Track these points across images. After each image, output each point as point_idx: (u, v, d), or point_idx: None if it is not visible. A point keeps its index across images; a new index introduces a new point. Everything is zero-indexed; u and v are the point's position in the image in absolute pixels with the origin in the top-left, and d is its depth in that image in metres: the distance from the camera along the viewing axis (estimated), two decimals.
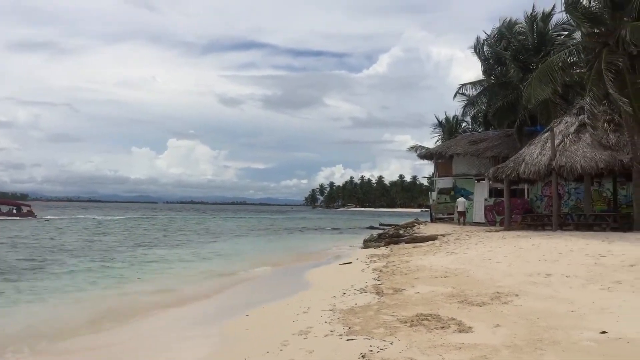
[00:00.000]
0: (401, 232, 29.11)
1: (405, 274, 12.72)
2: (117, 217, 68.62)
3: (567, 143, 22.58)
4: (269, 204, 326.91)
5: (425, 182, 77.88)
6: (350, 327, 7.35)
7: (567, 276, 10.59)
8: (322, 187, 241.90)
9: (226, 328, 8.60)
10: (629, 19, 20.41)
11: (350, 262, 17.25)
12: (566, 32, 31.08)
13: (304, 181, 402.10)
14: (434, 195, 38.82)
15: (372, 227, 47.85)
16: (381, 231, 34.85)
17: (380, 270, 13.73)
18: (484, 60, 35.26)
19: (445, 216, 35.87)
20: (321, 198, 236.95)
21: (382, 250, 21.06)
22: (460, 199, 31.53)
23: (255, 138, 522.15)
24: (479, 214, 31.04)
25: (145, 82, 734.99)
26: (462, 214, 30.90)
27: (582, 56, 23.25)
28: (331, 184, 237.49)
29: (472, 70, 73.67)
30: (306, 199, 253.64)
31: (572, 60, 23.63)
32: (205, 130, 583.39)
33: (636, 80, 21.81)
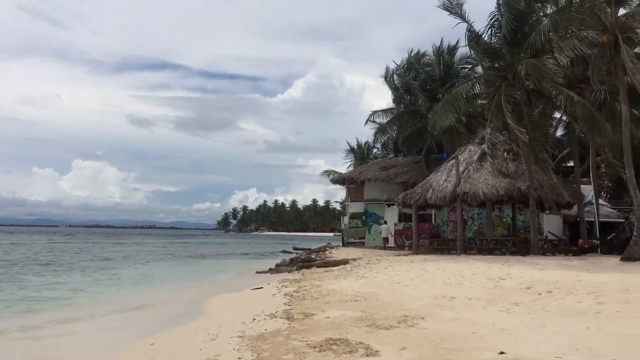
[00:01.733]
0: (313, 256, 29.25)
1: (316, 298, 12.72)
2: (5, 242, 63.01)
3: (470, 171, 23.70)
4: (180, 228, 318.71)
5: (337, 206, 78.97)
6: (259, 354, 7.22)
7: (469, 299, 10.99)
8: (235, 210, 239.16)
9: (129, 357, 8.19)
10: (526, 56, 21.88)
11: (262, 287, 17.03)
12: (470, 66, 32.89)
13: (217, 205, 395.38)
14: (345, 219, 39.39)
15: (284, 252, 47.72)
16: (294, 255, 34.82)
17: (292, 295, 13.64)
18: (394, 89, 36.54)
19: (357, 240, 36.44)
20: (234, 222, 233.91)
21: (294, 274, 21.00)
22: (384, 225, 32.16)
23: (166, 160, 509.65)
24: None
25: (48, 99, 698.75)
26: (386, 239, 31.50)
27: (484, 88, 24.64)
28: (244, 208, 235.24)
29: (383, 98, 76.37)
30: (219, 222, 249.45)
31: (475, 92, 24.98)
32: (114, 151, 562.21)
33: (532, 113, 23.39)
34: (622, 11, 20.58)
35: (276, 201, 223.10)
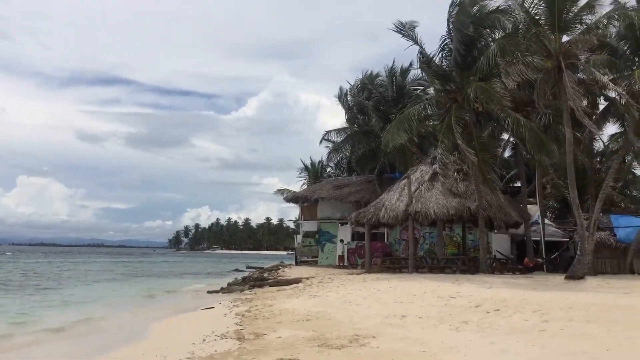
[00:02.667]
0: (266, 275, 29.01)
1: (268, 318, 12.59)
2: None
3: (422, 190, 24.11)
4: (130, 246, 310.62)
5: (291, 225, 78.79)
6: None
7: (420, 317, 11.10)
8: (187, 228, 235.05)
9: None
10: (475, 79, 22.52)
11: (213, 307, 16.75)
12: (422, 87, 33.63)
13: (169, 222, 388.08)
14: (299, 238, 39.30)
15: (237, 270, 47.17)
16: (246, 274, 34.45)
17: (243, 315, 13.47)
18: (347, 109, 36.96)
19: (310, 259, 36.37)
20: (186, 240, 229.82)
21: (246, 294, 20.75)
22: (339, 244, 32.13)
23: (116, 177, 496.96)
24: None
25: None
26: (342, 257, 31.46)
27: (435, 110, 25.19)
28: (197, 226, 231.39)
29: (338, 117, 76.89)
30: (170, 241, 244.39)
31: (426, 113, 25.51)
32: (61, 168, 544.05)
33: (481, 135, 24.01)
34: (565, 38, 21.48)
35: (229, 219, 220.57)
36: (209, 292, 23.94)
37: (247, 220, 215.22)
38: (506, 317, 10.45)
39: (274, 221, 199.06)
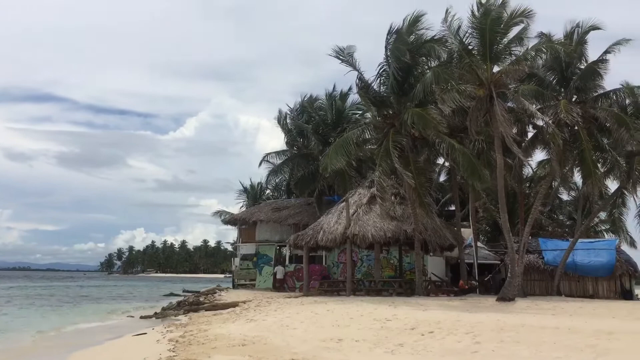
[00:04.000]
0: (202, 299, 28.37)
1: (203, 343, 12.29)
2: None
3: (360, 213, 24.36)
4: (58, 270, 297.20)
5: (229, 247, 77.70)
6: None
7: (356, 340, 11.11)
8: (120, 251, 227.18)
9: None
10: (412, 105, 23.11)
11: (145, 333, 16.24)
12: (360, 112, 34.19)
13: (101, 245, 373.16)
14: (237, 261, 38.74)
15: (172, 294, 45.91)
16: (181, 299, 33.59)
17: (177, 341, 13.11)
18: (287, 131, 37.03)
19: (248, 282, 35.86)
20: (119, 263, 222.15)
21: (181, 318, 20.26)
22: (279, 267, 31.81)
23: (45, 197, 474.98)
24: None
25: None
26: (280, 280, 31.14)
27: (373, 134, 25.62)
28: (130, 248, 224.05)
29: (277, 139, 76.84)
30: (102, 264, 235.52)
31: (365, 137, 25.89)
32: None
33: (417, 159, 24.59)
34: (496, 68, 22.43)
35: (165, 241, 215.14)
36: (141, 317, 23.20)
37: (183, 243, 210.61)
38: (440, 339, 10.62)
39: (212, 243, 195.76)
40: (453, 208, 31.36)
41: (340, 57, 24.17)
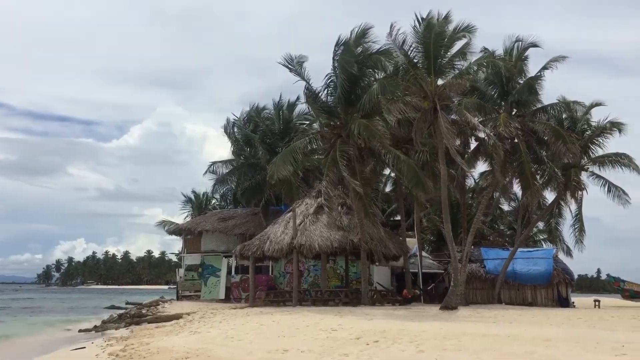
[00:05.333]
0: (144, 311, 27.69)
1: (144, 357, 11.99)
2: None
3: (307, 223, 24.35)
4: None
5: (174, 258, 76.15)
6: None
7: (302, 351, 11.06)
8: (59, 262, 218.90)
9: None
10: (358, 116, 23.35)
11: (84, 347, 15.66)
12: (308, 122, 34.27)
13: (39, 256, 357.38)
14: (181, 272, 38.02)
15: (113, 307, 44.53)
16: (123, 311, 32.65)
17: (117, 355, 12.73)
18: (234, 141, 36.76)
19: (193, 293, 35.21)
20: (57, 275, 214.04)
21: (122, 332, 19.67)
22: (229, 276, 31.35)
23: None
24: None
25: None
26: (229, 291, 30.63)
27: (321, 144, 25.76)
28: (70, 260, 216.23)
29: (224, 148, 75.82)
30: (39, 275, 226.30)
31: (312, 147, 26.01)
32: None
33: (363, 170, 24.83)
34: (440, 81, 22.96)
35: (107, 252, 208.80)
36: (80, 330, 22.37)
37: (126, 253, 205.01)
38: (384, 348, 10.69)
39: (156, 254, 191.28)
40: (399, 218, 31.78)
41: (290, 65, 24.24)
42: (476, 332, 12.48)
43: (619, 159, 26.53)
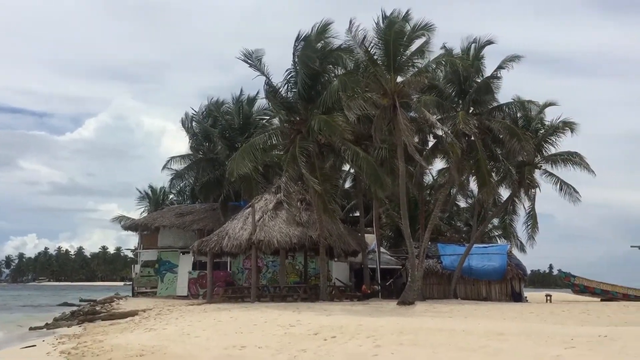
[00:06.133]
0: (98, 308, 27.09)
1: (98, 355, 11.74)
2: None
3: (266, 219, 24.26)
4: None
5: (130, 254, 74.88)
6: None
7: (259, 347, 11.00)
8: (9, 258, 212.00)
9: None
10: (319, 112, 23.35)
11: (34, 345, 15.20)
12: (268, 117, 34.10)
13: None
14: (137, 268, 37.34)
15: (67, 304, 43.40)
16: (76, 308, 31.86)
17: (69, 353, 12.44)
18: (192, 135, 36.28)
19: (149, 290, 34.63)
20: (7, 271, 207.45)
21: (75, 329, 19.19)
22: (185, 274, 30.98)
23: None
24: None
25: None
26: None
27: (280, 140, 25.66)
28: (20, 256, 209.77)
29: (183, 143, 74.51)
30: None
31: (272, 142, 25.87)
32: None
33: (323, 166, 24.86)
34: (400, 79, 23.14)
35: (60, 248, 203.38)
36: (31, 328, 21.70)
37: (80, 249, 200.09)
38: (342, 343, 10.72)
39: (111, 250, 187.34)
40: (358, 214, 31.98)
41: (249, 60, 24.06)
42: (432, 326, 12.64)
43: (571, 158, 27.35)
